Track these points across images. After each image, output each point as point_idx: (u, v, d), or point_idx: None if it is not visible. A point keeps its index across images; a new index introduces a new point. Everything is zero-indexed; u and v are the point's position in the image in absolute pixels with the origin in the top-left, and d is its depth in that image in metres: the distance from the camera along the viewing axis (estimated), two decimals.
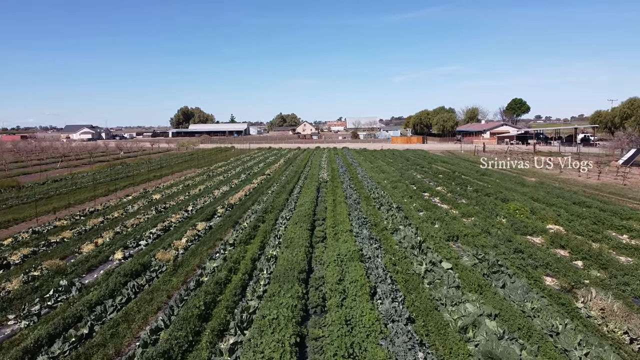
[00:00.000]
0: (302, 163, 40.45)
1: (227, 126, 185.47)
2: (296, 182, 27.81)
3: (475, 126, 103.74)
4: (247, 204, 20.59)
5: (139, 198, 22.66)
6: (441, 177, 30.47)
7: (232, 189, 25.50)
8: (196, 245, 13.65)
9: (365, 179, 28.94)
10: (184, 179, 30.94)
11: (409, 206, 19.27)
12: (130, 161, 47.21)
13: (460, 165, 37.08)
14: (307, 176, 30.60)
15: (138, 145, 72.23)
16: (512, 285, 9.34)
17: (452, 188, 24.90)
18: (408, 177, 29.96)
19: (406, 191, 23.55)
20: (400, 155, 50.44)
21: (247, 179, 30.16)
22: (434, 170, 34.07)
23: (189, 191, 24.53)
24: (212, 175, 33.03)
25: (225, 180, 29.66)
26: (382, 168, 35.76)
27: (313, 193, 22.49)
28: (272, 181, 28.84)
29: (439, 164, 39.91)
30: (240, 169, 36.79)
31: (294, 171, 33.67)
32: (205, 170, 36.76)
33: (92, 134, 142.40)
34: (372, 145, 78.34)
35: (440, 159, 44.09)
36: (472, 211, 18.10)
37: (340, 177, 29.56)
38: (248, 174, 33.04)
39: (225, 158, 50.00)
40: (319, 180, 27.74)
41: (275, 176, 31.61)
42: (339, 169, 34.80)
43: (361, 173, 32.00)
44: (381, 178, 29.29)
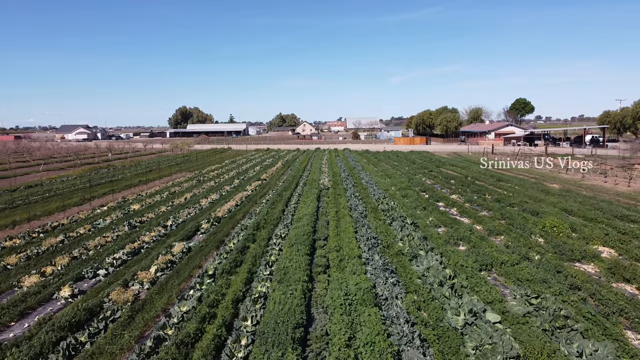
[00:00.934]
0: (301, 166, 37.76)
1: (226, 126, 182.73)
2: (294, 189, 25.10)
3: (479, 127, 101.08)
4: (236, 217, 17.85)
5: (115, 209, 19.93)
6: (453, 183, 27.76)
7: (223, 197, 22.77)
8: (167, 277, 10.93)
9: (370, 185, 26.23)
10: (171, 184, 28.21)
11: (425, 220, 16.54)
12: (119, 163, 44.46)
13: (472, 170, 34.39)
14: (306, 181, 27.89)
15: (131, 146, 69.51)
16: (592, 352, 6.63)
17: (469, 197, 22.20)
18: (417, 183, 27.26)
19: (418, 200, 20.84)
20: (405, 157, 47.74)
21: (241, 185, 27.42)
22: (444, 175, 31.37)
23: (173, 200, 21.80)
24: (203, 180, 30.30)
25: (216, 186, 26.93)
26: (388, 172, 33.05)
27: (313, 203, 19.78)
28: (267, 188, 26.12)
29: (447, 167, 37.21)
30: (234, 173, 34.06)
31: (292, 175, 30.96)
32: (196, 174, 34.03)
33: (87, 134, 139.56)
34: (374, 146, 75.66)
35: (448, 161, 41.38)
36: (499, 227, 15.39)
37: (342, 183, 26.85)
38: (242, 178, 30.32)
39: (220, 160, 47.27)
40: (319, 187, 25.03)
41: (272, 181, 28.89)
42: (340, 173, 32.10)
43: (365, 178, 29.28)
44: (388, 184, 26.58)
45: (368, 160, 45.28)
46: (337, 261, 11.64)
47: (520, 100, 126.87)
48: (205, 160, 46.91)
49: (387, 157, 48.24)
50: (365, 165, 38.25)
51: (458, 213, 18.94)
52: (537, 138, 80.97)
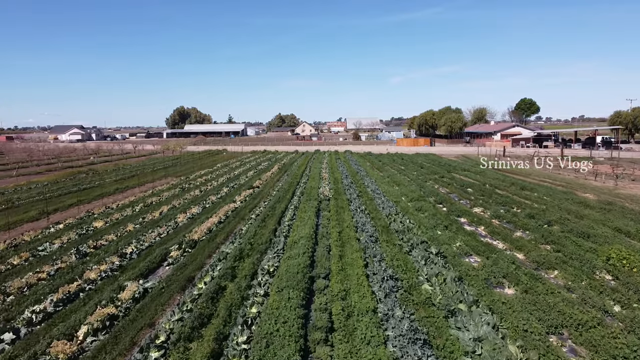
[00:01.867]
0: (299, 171, 34.40)
1: (224, 127, 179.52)
2: (290, 200, 21.75)
3: (484, 127, 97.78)
4: (216, 240, 14.49)
5: (73, 227, 16.55)
6: (471, 192, 24.42)
7: (205, 211, 19.39)
8: (98, 347, 7.56)
9: (377, 194, 22.88)
10: (151, 193, 24.84)
11: (452, 247, 13.18)
12: (102, 167, 41.05)
13: (487, 175, 31.03)
14: (304, 190, 24.54)
15: (121, 147, 66.14)
16: None
17: (494, 210, 18.86)
18: (430, 191, 23.92)
19: (436, 216, 17.48)
20: (411, 160, 44.39)
21: (229, 194, 24.06)
22: (458, 182, 28.02)
23: (145, 215, 18.42)
24: (188, 187, 26.92)
25: (200, 196, 23.56)
26: (395, 178, 29.70)
27: (311, 220, 16.42)
28: (259, 198, 22.76)
29: (459, 172, 33.87)
30: (224, 179, 30.68)
31: (288, 183, 27.59)
32: (182, 180, 30.64)
33: (81, 135, 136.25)
34: (376, 147, 72.32)
35: (459, 165, 38.01)
36: (548, 257, 12.04)
37: (345, 192, 23.49)
38: (232, 186, 26.93)
39: (212, 164, 43.87)
40: (319, 197, 21.68)
41: (265, 190, 25.53)
42: (342, 180, 28.74)
43: (371, 186, 25.92)
44: (397, 194, 23.24)
45: (372, 163, 41.93)
46: (344, 319, 8.28)
47: (525, 100, 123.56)
48: (196, 164, 43.51)
49: (391, 160, 44.89)
50: (369, 170, 34.90)
51: (488, 234, 15.57)
52: (545, 139, 77.68)
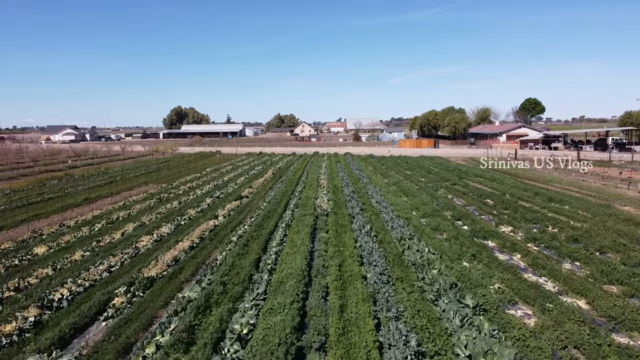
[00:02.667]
0: (294, 177, 31.10)
1: (221, 127, 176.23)
2: (281, 215, 18.46)
3: (489, 128, 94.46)
4: (179, 278, 11.19)
5: (6, 255, 13.25)
6: (492, 204, 21.15)
7: (177, 230, 16.09)
8: None
9: (384, 208, 19.59)
10: (122, 204, 21.53)
11: (488, 289, 9.89)
12: (81, 172, 37.70)
13: (505, 183, 27.72)
14: (299, 202, 21.26)
15: (110, 148, 62.71)
16: None
17: (527, 230, 15.61)
18: (445, 204, 20.64)
19: (458, 239, 14.21)
20: (417, 164, 41.10)
21: (212, 207, 20.76)
22: (473, 191, 24.76)
23: (103, 237, 15.11)
24: (167, 198, 23.61)
25: (177, 209, 20.25)
26: (402, 186, 26.42)
27: (304, 246, 13.14)
28: (246, 212, 19.47)
29: (472, 178, 30.58)
30: (210, 187, 27.37)
31: (281, 192, 24.30)
32: (163, 188, 27.33)
33: (75, 135, 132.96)
34: (378, 149, 68.97)
35: (470, 170, 34.71)
36: (623, 308, 8.78)
37: (347, 205, 20.20)
38: (217, 196, 23.63)
39: (202, 168, 40.53)
40: (315, 212, 18.40)
41: (254, 201, 22.23)
42: (343, 188, 25.47)
43: (376, 197, 22.62)
44: (407, 207, 19.96)
45: (374, 168, 38.63)
46: None
47: (530, 100, 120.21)
48: (184, 168, 40.16)
49: (395, 164, 41.59)
50: (372, 176, 31.60)
51: (528, 265, 12.27)
52: (552, 140, 74.36)
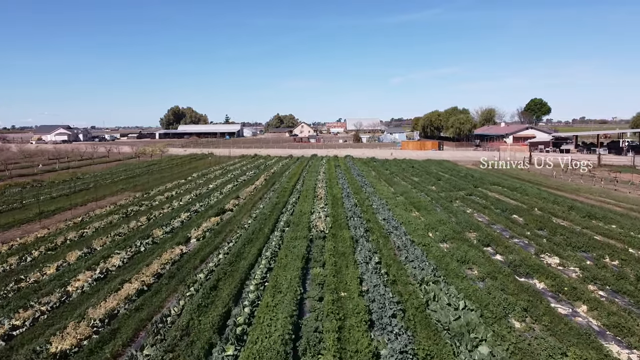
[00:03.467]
0: (289, 184, 27.61)
1: (219, 127, 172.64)
2: (267, 238, 14.97)
3: (494, 129, 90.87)
4: (106, 351, 7.69)
5: None
6: (521, 221, 17.68)
7: (130, 263, 12.58)
8: None
9: (393, 227, 16.10)
10: (79, 222, 18.02)
11: None
12: (54, 177, 34.19)
13: (528, 192, 24.24)
14: (290, 218, 17.77)
15: (96, 149, 59.17)
16: None
17: (579, 262, 12.16)
18: (465, 221, 17.17)
19: (495, 277, 10.74)
20: (423, 169, 37.62)
21: (185, 225, 17.24)
22: (494, 203, 21.29)
23: (32, 272, 11.61)
24: (136, 212, 20.11)
25: (142, 229, 16.73)
26: (411, 196, 22.94)
27: (292, 292, 9.65)
28: (225, 233, 15.98)
29: (488, 186, 27.11)
30: (191, 197, 23.86)
31: (272, 204, 20.82)
32: (136, 199, 23.80)
33: (68, 135, 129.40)
34: (380, 151, 65.47)
35: (484, 177, 31.20)
36: None
37: (348, 223, 16.71)
38: (195, 210, 20.11)
39: (188, 173, 36.99)
40: (309, 234, 14.93)
41: (238, 216, 18.74)
42: (343, 199, 22.00)
43: (382, 212, 19.11)
44: (420, 225, 16.48)
45: (377, 173, 35.14)
46: None
47: (535, 100, 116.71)
48: (168, 173, 36.62)
49: (400, 169, 38.11)
50: (375, 184, 28.10)
51: (606, 328, 8.77)
52: (563, 143, 70.87)
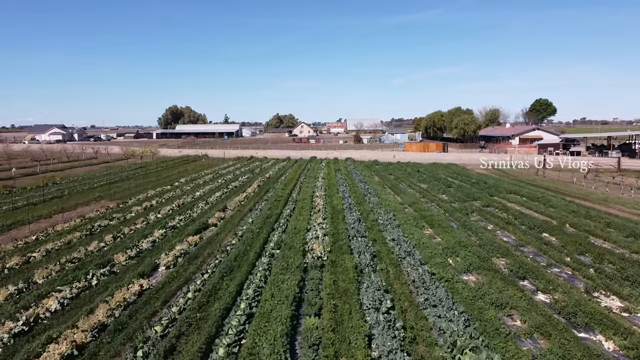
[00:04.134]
0: (284, 192, 24.86)
1: (217, 127, 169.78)
2: (252, 266, 12.22)
3: (500, 130, 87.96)
4: None
5: None
6: (555, 243, 14.93)
7: (70, 307, 9.82)
8: None
9: (405, 253, 13.34)
10: (33, 241, 15.27)
11: None
12: (31, 181, 31.43)
13: (553, 203, 21.50)
14: (282, 238, 15.02)
15: (83, 150, 56.44)
16: None
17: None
18: (488, 241, 14.44)
19: (548, 333, 7.98)
20: (430, 174, 34.88)
21: (155, 247, 14.47)
22: (517, 216, 18.54)
23: None
24: (103, 228, 17.34)
25: (102, 252, 13.98)
26: (421, 208, 20.19)
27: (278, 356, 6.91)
28: (201, 259, 13.22)
29: (506, 195, 24.35)
30: (172, 208, 21.09)
31: (263, 218, 18.06)
32: (110, 210, 21.03)
33: (62, 135, 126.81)
34: (382, 153, 62.73)
35: (499, 184, 28.37)
36: None
37: (350, 247, 13.96)
38: (173, 226, 17.32)
39: (178, 176, 34.23)
40: (304, 262, 12.19)
41: (222, 234, 15.99)
42: (345, 212, 19.25)
43: (391, 229, 16.32)
44: (438, 250, 13.72)
45: (381, 179, 32.38)
46: None
47: (540, 101, 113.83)
48: (154, 178, 33.84)
49: (405, 174, 35.37)
50: (380, 192, 25.32)
51: None
52: (571, 144, 67.98)
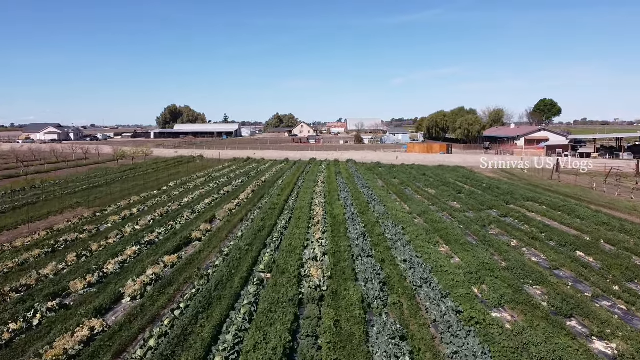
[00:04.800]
0: (280, 198, 22.66)
1: (216, 127, 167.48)
2: (238, 297, 10.01)
3: (504, 131, 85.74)
4: None
5: None
6: (593, 263, 12.73)
7: None
8: None
9: (422, 280, 11.12)
10: None
11: None
12: (12, 183, 29.20)
13: (579, 214, 19.29)
14: (275, 258, 12.82)
15: (74, 150, 54.26)
16: None
17: None
18: (517, 263, 12.23)
19: None
20: (436, 177, 32.67)
21: (123, 270, 12.24)
22: (541, 229, 16.34)
23: None
24: (68, 244, 15.12)
25: (64, 274, 11.76)
26: (433, 219, 17.97)
27: None
28: (178, 284, 11.00)
29: (523, 202, 22.15)
30: (153, 218, 18.87)
31: (254, 231, 15.85)
32: (84, 219, 18.80)
33: (58, 134, 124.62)
34: (384, 154, 60.51)
35: (513, 189, 26.10)
36: None
37: (354, 269, 11.75)
38: (150, 242, 15.10)
39: (168, 180, 32.02)
40: (298, 292, 10.00)
41: (203, 254, 13.78)
42: (347, 224, 17.05)
43: (401, 247, 14.09)
44: (459, 275, 11.50)
45: (386, 183, 30.17)
46: None
47: (545, 101, 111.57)
48: (142, 181, 31.60)
49: (410, 177, 33.15)
50: (385, 199, 23.10)
51: None
52: (577, 146, 65.63)
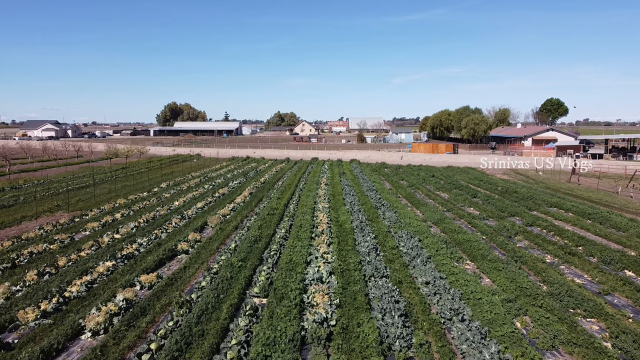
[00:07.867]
0: (280, 203, 20.65)
1: (216, 125, 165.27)
2: (224, 335, 8.01)
3: (511, 131, 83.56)
4: None
5: None
6: None
7: None
8: None
9: (450, 309, 9.11)
10: None
11: None
12: None
13: (614, 222, 17.26)
14: (273, 277, 10.83)
15: (65, 148, 52.32)
16: None
17: None
18: (560, 288, 10.22)
19: None
20: (446, 179, 30.64)
21: (94, 291, 10.23)
22: (578, 242, 14.33)
23: None
24: (32, 257, 13.14)
25: (17, 299, 9.77)
26: (450, 228, 15.95)
27: None
28: (154, 313, 9.01)
29: (545, 208, 20.13)
30: (137, 225, 16.89)
31: (250, 242, 13.84)
32: (60, 226, 16.79)
33: (55, 131, 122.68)
34: (388, 154, 58.45)
35: (533, 194, 24.05)
36: None
37: (368, 295, 9.74)
38: (129, 255, 13.09)
39: (160, 180, 30.02)
40: (299, 328, 7.96)
41: (191, 269, 11.78)
42: (355, 236, 15.04)
43: (420, 265, 12.08)
44: (493, 301, 9.45)
45: (394, 186, 28.13)
46: None
47: (552, 100, 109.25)
48: (131, 182, 29.56)
49: (419, 179, 31.09)
50: (395, 204, 21.03)
51: None
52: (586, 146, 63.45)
